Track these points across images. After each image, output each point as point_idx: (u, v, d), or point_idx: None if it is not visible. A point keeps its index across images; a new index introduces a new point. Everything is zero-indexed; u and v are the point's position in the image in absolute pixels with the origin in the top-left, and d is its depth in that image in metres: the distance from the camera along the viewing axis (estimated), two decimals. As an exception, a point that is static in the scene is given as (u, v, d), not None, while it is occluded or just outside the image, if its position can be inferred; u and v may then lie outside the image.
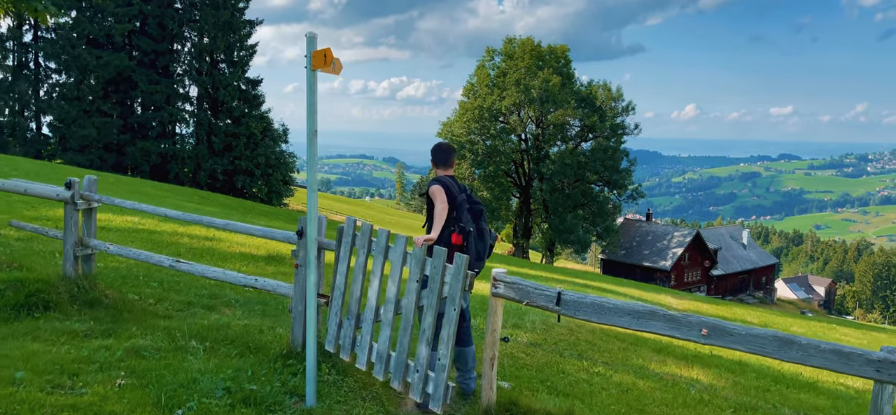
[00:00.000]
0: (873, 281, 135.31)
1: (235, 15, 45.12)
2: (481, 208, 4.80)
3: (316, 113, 4.01)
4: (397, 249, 4.33)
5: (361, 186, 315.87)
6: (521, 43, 49.32)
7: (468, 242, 4.65)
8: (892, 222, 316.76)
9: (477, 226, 4.71)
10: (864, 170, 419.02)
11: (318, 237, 4.57)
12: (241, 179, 44.31)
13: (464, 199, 4.68)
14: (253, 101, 46.32)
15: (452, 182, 4.76)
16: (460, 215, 4.64)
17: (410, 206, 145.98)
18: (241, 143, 44.55)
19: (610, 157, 47.67)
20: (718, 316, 15.49)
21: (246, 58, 46.56)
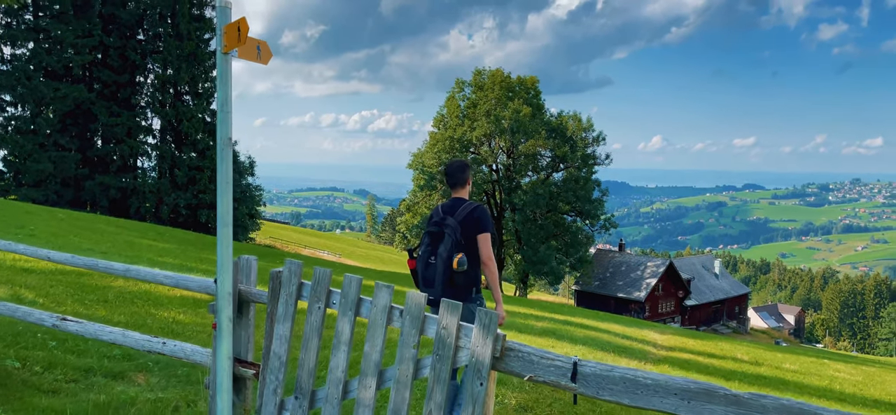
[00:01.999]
0: (840, 308, 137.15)
1: (200, 46, 44.12)
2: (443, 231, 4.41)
3: (230, 111, 2.98)
4: (379, 303, 3.27)
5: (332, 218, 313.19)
6: (491, 74, 48.95)
7: (417, 267, 4.56)
8: (854, 250, 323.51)
9: (430, 249, 4.42)
10: (826, 199, 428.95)
11: (245, 287, 3.51)
12: (206, 214, 42.90)
13: (434, 221, 4.51)
14: (217, 133, 45.13)
15: (437, 209, 4.66)
16: (421, 242, 4.56)
17: (381, 238, 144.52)
18: (206, 176, 43.24)
19: (581, 187, 47.28)
20: (708, 352, 14.69)
21: (211, 89, 45.49)
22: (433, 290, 4.33)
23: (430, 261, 4.42)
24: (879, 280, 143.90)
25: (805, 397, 10.06)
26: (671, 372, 9.97)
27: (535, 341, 10.53)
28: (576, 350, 10.32)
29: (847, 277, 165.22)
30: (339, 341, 3.19)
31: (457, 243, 4.37)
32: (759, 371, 12.77)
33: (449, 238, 4.35)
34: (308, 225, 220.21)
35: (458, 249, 4.35)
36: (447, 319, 2.95)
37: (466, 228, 4.45)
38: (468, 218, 4.47)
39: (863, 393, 12.21)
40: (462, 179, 4.71)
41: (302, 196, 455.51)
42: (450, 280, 4.32)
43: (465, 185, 4.73)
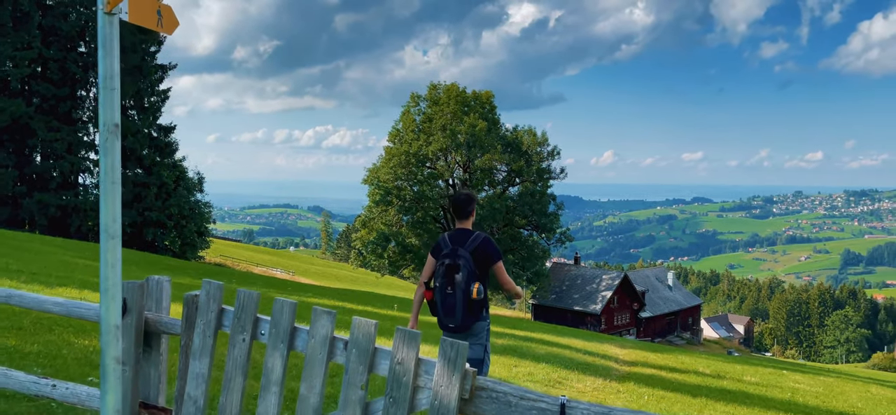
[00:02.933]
0: (786, 318, 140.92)
1: (146, 59, 42.78)
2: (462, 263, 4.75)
3: (116, 90, 2.38)
4: (317, 333, 2.69)
5: (285, 235, 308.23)
6: (446, 89, 48.69)
7: (435, 298, 4.88)
8: (798, 260, 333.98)
9: (447, 279, 4.77)
10: (771, 211, 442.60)
11: (154, 315, 2.86)
12: (152, 232, 41.36)
13: (446, 253, 4.84)
14: (165, 148, 43.96)
15: (444, 239, 5.03)
16: (437, 273, 4.86)
17: (336, 255, 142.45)
18: (152, 193, 41.77)
19: (537, 201, 47.30)
20: (669, 366, 14.43)
21: (158, 104, 44.19)
22: (454, 318, 4.76)
23: (447, 291, 4.78)
24: (823, 289, 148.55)
25: (773, 412, 9.81)
26: (637, 390, 9.60)
27: (498, 360, 10.03)
28: (539, 369, 9.85)
29: (792, 286, 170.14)
30: (268, 380, 2.58)
31: (472, 274, 4.75)
32: (723, 385, 12.54)
33: (465, 269, 4.72)
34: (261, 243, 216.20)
35: (474, 279, 4.75)
36: (403, 351, 2.42)
37: (478, 259, 4.84)
38: (479, 249, 4.85)
39: (826, 405, 12.08)
40: (469, 211, 5.08)
41: (255, 213, 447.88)
42: (468, 308, 4.73)
43: (471, 216, 5.10)
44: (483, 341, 5.00)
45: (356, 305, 18.41)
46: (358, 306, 18.15)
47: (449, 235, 5.04)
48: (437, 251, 4.98)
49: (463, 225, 5.07)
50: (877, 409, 12.72)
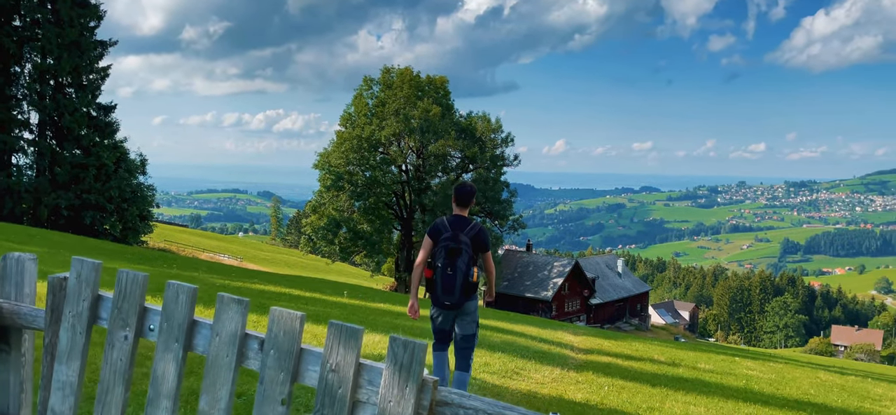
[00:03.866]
0: (729, 304, 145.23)
1: (85, 34, 40.71)
2: (460, 247, 5.24)
3: None
4: (224, 329, 2.05)
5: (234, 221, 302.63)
6: (400, 72, 47.90)
7: (435, 277, 5.36)
8: (741, 249, 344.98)
9: (449, 261, 5.24)
10: (715, 201, 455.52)
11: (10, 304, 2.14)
12: (91, 215, 39.52)
13: (446, 237, 5.29)
14: (105, 128, 42.02)
15: (443, 223, 5.42)
16: (437, 254, 5.33)
17: (287, 241, 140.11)
18: (91, 174, 39.86)
19: (491, 188, 47.07)
20: (624, 353, 14.20)
21: (97, 81, 42.20)
22: (453, 296, 5.32)
23: (448, 272, 5.28)
24: (764, 277, 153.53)
25: (732, 401, 9.59)
26: (596, 379, 9.23)
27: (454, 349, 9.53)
28: (495, 359, 9.39)
29: (735, 274, 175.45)
30: (157, 392, 1.89)
31: (471, 258, 5.31)
32: (679, 373, 12.34)
33: (465, 254, 5.25)
34: (209, 228, 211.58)
35: (472, 264, 5.32)
36: (338, 354, 1.84)
37: (475, 246, 5.41)
38: (476, 237, 5.43)
39: (780, 393, 12.00)
40: (470, 201, 5.60)
41: (202, 198, 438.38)
42: (465, 289, 5.29)
43: (470, 205, 5.61)
44: (475, 318, 5.75)
45: (303, 291, 17.67)
46: (305, 293, 17.41)
47: (448, 220, 5.49)
48: (436, 234, 5.43)
49: (461, 213, 5.58)
50: (828, 394, 12.72)
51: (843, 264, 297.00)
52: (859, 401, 12.73)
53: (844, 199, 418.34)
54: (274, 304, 12.59)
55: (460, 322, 5.66)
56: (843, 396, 13.09)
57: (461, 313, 5.57)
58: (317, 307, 13.38)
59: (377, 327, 11.14)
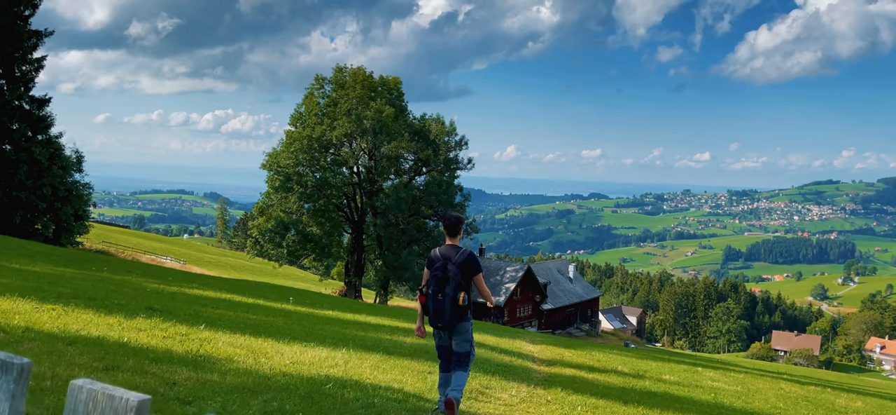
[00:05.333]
0: (675, 309, 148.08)
1: (18, 23, 38.28)
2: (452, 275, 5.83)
3: None
4: None
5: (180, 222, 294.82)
6: (352, 72, 46.70)
7: (428, 302, 6.03)
8: (685, 255, 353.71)
9: (438, 288, 5.89)
10: (661, 208, 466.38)
11: None
12: (21, 214, 37.15)
13: (437, 267, 5.93)
14: (39, 123, 39.57)
15: (436, 254, 6.01)
16: (430, 282, 5.97)
17: (233, 243, 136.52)
18: (22, 171, 37.45)
19: (444, 191, 46.30)
20: (587, 365, 13.57)
21: (30, 73, 39.73)
22: (444, 319, 5.83)
23: (438, 298, 5.84)
24: (708, 283, 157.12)
25: (709, 419, 8.99)
26: (566, 398, 8.49)
27: (411, 365, 8.64)
28: (457, 376, 8.54)
29: (680, 280, 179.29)
30: None
31: (459, 285, 5.82)
32: (646, 386, 11.75)
33: (453, 281, 5.78)
34: (153, 229, 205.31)
35: (460, 289, 5.82)
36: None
37: (464, 272, 5.87)
38: (464, 264, 5.87)
39: (750, 407, 11.54)
40: (458, 230, 6.11)
41: (147, 199, 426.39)
42: (455, 311, 5.82)
43: (459, 235, 6.11)
44: (469, 338, 6.12)
45: (245, 297, 16.50)
46: (247, 298, 16.25)
47: (440, 251, 6.03)
48: (431, 264, 6.01)
49: (453, 242, 6.13)
50: (798, 409, 12.34)
51: (781, 271, 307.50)
52: (826, 413, 12.40)
53: (783, 208, 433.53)
54: (211, 311, 11.46)
55: (455, 341, 6.09)
56: (810, 409, 12.74)
57: (455, 332, 6.04)
58: (259, 316, 12.29)
59: (325, 338, 10.17)
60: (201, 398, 4.70)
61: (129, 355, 5.82)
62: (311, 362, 7.41)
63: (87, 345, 5.93)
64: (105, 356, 5.57)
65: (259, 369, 6.36)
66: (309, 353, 8.13)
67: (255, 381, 5.70)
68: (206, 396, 4.80)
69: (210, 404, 4.58)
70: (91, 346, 5.94)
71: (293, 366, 6.95)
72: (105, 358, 5.50)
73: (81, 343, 5.97)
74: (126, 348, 6.13)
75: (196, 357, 6.39)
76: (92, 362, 5.26)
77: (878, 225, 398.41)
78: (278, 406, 4.93)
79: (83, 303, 9.26)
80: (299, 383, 6.00)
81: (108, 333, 6.85)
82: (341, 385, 6.23)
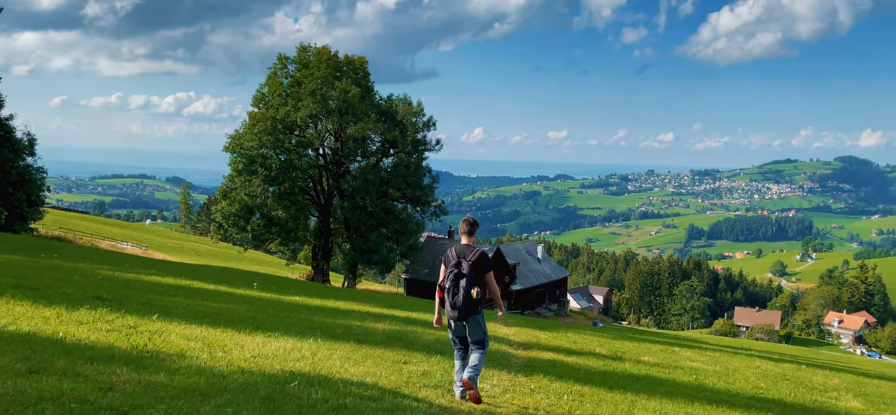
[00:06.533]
0: (640, 288, 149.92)
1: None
2: (466, 272, 6.53)
3: None
4: None
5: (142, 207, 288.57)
6: (316, 51, 45.42)
7: (445, 297, 6.69)
8: (650, 234, 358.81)
9: (455, 285, 6.59)
10: (626, 188, 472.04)
11: None
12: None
13: (453, 265, 6.62)
14: (-13, 105, 37.87)
15: (452, 252, 6.73)
16: (447, 278, 6.64)
17: (197, 228, 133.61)
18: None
19: (412, 173, 45.47)
20: (565, 347, 13.11)
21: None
22: (460, 310, 6.56)
23: (454, 292, 6.60)
24: (672, 262, 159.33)
25: (698, 404, 8.55)
26: (550, 386, 7.97)
27: (384, 354, 8.01)
28: (434, 365, 7.96)
29: (645, 259, 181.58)
30: None
31: (471, 280, 6.55)
32: (627, 369, 11.34)
33: (467, 277, 6.53)
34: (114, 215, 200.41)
35: (473, 285, 6.56)
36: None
37: (477, 270, 6.58)
38: (477, 262, 6.57)
39: (732, 387, 11.21)
40: (473, 232, 6.88)
41: (107, 183, 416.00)
42: (468, 304, 6.56)
43: (473, 236, 6.87)
44: (482, 327, 6.74)
45: (207, 283, 15.64)
46: (208, 285, 15.40)
47: (456, 250, 6.71)
48: (447, 261, 6.69)
49: (468, 241, 6.83)
50: (779, 388, 12.06)
51: (742, 249, 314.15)
52: (808, 393, 12.15)
53: (744, 187, 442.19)
54: (167, 299, 10.65)
55: (470, 330, 6.68)
56: (790, 387, 12.49)
57: (469, 322, 6.64)
58: (219, 303, 11.49)
59: (290, 327, 9.46)
60: (140, 407, 4.00)
61: (61, 353, 5.08)
62: (274, 356, 6.71)
63: (12, 343, 5.17)
64: (31, 356, 4.83)
65: (214, 366, 5.65)
66: (272, 344, 7.43)
67: (208, 381, 4.99)
68: (146, 403, 4.10)
69: (151, 413, 3.89)
70: (18, 343, 5.18)
71: (254, 361, 6.26)
72: (31, 358, 4.76)
73: (6, 341, 5.20)
74: (59, 346, 5.37)
75: (142, 354, 5.66)
76: (13, 364, 4.52)
77: (834, 202, 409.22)
78: (234, 413, 4.25)
79: (23, 293, 8.42)
80: (260, 382, 5.29)
81: (42, 327, 6.08)
82: (308, 383, 5.56)
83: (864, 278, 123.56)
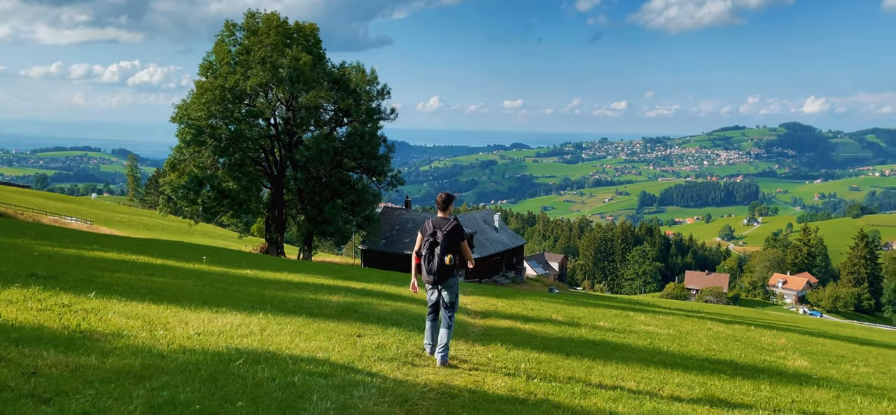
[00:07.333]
0: (594, 254, 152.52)
1: None
2: (440, 241, 7.15)
3: None
4: None
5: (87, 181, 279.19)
6: (265, 18, 44.14)
7: (422, 262, 7.32)
8: (603, 202, 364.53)
9: (430, 252, 7.21)
10: (580, 157, 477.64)
11: None
12: None
13: (430, 233, 7.25)
14: None
15: (429, 223, 7.36)
16: (423, 246, 7.28)
17: (145, 202, 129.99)
18: None
19: (367, 142, 44.86)
20: (522, 314, 13.08)
21: None
22: (435, 275, 7.15)
23: (430, 259, 7.20)
24: (625, 228, 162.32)
25: (653, 368, 8.58)
26: (507, 354, 7.86)
27: (338, 328, 7.76)
28: (389, 338, 7.76)
29: (599, 226, 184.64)
30: None
31: (445, 248, 7.19)
32: (584, 335, 11.36)
33: (441, 246, 7.15)
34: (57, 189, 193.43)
35: (446, 252, 7.17)
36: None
37: (451, 239, 7.25)
38: (451, 232, 7.25)
39: (686, 350, 11.34)
40: (448, 206, 7.55)
41: (49, 156, 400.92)
42: (442, 269, 7.14)
43: (449, 209, 7.55)
44: (455, 290, 7.38)
45: (153, 258, 15.06)
46: (155, 259, 14.83)
47: (433, 221, 7.29)
48: (423, 231, 7.30)
49: (444, 214, 7.41)
50: (730, 349, 12.28)
51: (692, 214, 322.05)
52: (757, 353, 12.40)
53: (694, 154, 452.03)
54: (108, 276, 10.17)
55: (445, 293, 7.28)
56: (741, 348, 12.73)
57: (444, 286, 7.25)
58: (165, 278, 11.03)
59: (240, 301, 9.12)
60: (66, 393, 3.69)
61: (-18, 337, 4.68)
62: (220, 332, 6.40)
63: (-73, 327, 4.75)
64: (-53, 341, 4.43)
65: (154, 345, 5.32)
66: (219, 320, 7.11)
67: (144, 362, 4.68)
68: (73, 389, 3.78)
69: (77, 399, 3.58)
70: (-67, 328, 4.76)
71: (198, 338, 5.95)
72: (-53, 344, 4.36)
73: (-80, 325, 4.78)
74: (-19, 328, 4.97)
75: (74, 334, 5.29)
76: (-75, 351, 4.12)
77: (779, 168, 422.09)
78: (170, 396, 3.96)
79: (-53, 273, 7.87)
80: (202, 360, 5.00)
81: (-35, 309, 5.63)
82: (254, 360, 5.28)
83: (806, 241, 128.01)
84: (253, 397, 4.25)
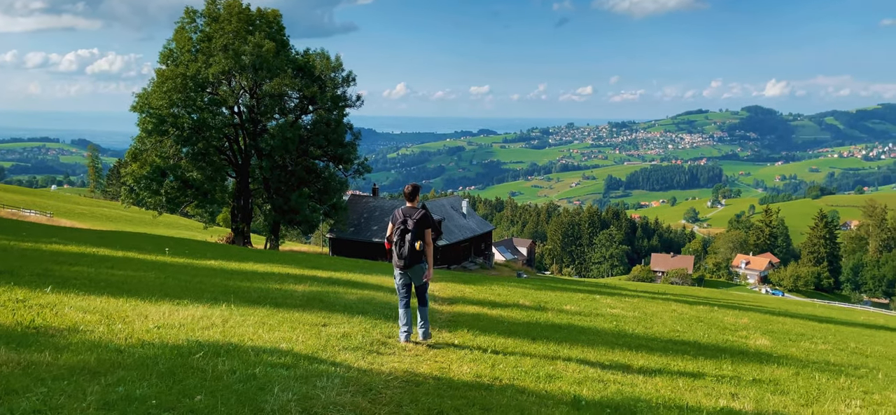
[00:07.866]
0: (562, 239, 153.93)
1: None
2: (411, 228, 7.69)
3: None
4: None
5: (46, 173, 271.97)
6: (227, 4, 43.30)
7: (393, 249, 7.83)
8: (570, 186, 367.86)
9: (401, 238, 7.75)
10: (547, 142, 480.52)
11: None
12: None
13: (400, 221, 7.75)
14: None
15: (399, 212, 7.84)
16: (394, 233, 7.77)
17: (108, 193, 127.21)
18: None
19: (333, 130, 44.46)
20: (489, 300, 13.13)
21: None
22: (406, 260, 7.66)
23: (401, 244, 7.70)
24: (592, 212, 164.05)
25: (618, 350, 8.68)
26: (474, 340, 7.88)
27: (303, 317, 7.69)
28: (355, 326, 7.71)
29: (566, 210, 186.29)
30: None
31: (415, 235, 7.68)
32: (550, 319, 11.44)
33: (411, 233, 7.65)
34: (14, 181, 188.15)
35: (416, 239, 7.68)
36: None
37: (418, 227, 7.72)
38: (420, 221, 7.73)
39: (651, 332, 11.51)
40: (415, 197, 7.97)
41: (5, 148, 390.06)
42: (412, 255, 7.65)
43: (416, 199, 7.99)
44: (423, 271, 7.80)
45: (114, 250, 14.74)
46: (116, 251, 14.52)
47: (402, 211, 7.79)
48: (394, 220, 7.78)
49: (412, 205, 7.85)
50: (694, 330, 12.50)
51: (658, 198, 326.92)
52: (720, 333, 12.65)
53: (659, 138, 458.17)
54: (67, 270, 9.91)
55: (414, 278, 7.75)
56: (704, 329, 12.97)
57: (414, 271, 7.72)
58: (126, 271, 10.80)
59: (202, 293, 8.97)
60: (16, 391, 3.57)
61: (-72, 336, 4.50)
62: (181, 325, 6.29)
63: None
64: None
65: (111, 340, 5.20)
66: (180, 313, 6.98)
67: (100, 358, 4.56)
68: (23, 387, 3.66)
69: (28, 397, 3.47)
70: None
71: (158, 332, 5.82)
72: None
73: None
74: (-72, 327, 4.78)
75: (27, 331, 5.13)
76: None
77: (741, 151, 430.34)
78: (126, 392, 3.87)
79: None
80: (161, 354, 4.89)
81: (-90, 307, 5.43)
82: (215, 353, 5.19)
83: (768, 222, 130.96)
84: (212, 391, 4.17)
